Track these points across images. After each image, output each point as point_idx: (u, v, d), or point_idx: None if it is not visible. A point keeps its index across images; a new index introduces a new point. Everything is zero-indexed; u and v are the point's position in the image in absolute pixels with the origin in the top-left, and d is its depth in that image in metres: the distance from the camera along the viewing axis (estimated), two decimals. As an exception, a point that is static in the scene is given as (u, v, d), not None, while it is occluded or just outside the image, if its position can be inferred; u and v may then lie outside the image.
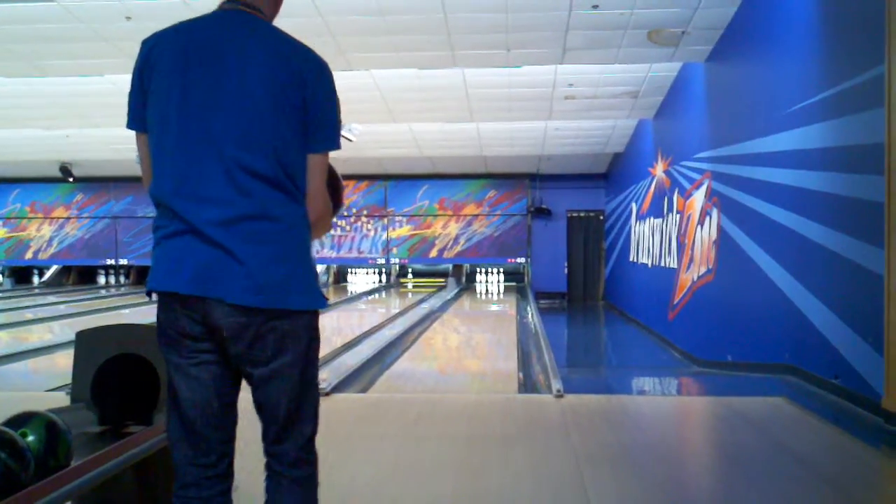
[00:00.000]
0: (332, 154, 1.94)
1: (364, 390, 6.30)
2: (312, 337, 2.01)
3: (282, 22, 7.68)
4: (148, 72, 1.89)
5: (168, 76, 1.85)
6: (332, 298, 17.16)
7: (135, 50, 1.94)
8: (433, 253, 19.55)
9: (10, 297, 17.22)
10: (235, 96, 1.83)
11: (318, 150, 1.90)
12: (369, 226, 19.87)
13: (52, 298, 16.79)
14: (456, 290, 18.41)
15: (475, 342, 10.02)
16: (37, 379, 7.48)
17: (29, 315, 13.30)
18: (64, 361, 7.54)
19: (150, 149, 1.91)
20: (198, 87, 1.83)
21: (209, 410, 1.89)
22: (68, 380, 2.81)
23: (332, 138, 1.93)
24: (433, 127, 13.66)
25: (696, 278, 9.11)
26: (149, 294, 1.93)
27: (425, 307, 14.35)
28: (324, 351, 8.68)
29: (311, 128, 1.88)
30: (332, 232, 19.99)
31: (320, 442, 4.24)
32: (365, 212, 19.80)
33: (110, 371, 2.76)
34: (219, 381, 1.88)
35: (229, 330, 1.82)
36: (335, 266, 21.01)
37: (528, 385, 6.86)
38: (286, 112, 1.84)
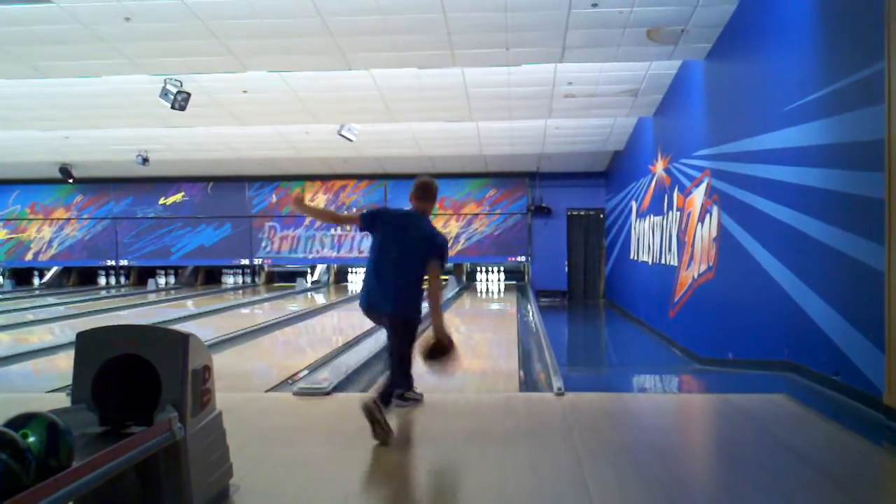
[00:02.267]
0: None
1: (365, 389, 6.30)
2: (414, 328, 4.81)
3: (282, 23, 7.87)
4: (380, 220, 4.85)
5: (387, 227, 4.79)
6: (332, 298, 17.16)
7: (134, 50, 1.97)
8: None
9: (10, 299, 17.23)
10: (411, 245, 4.69)
11: (432, 262, 4.69)
12: (369, 225, 19.86)
13: (52, 300, 16.80)
14: (456, 289, 18.41)
15: (476, 341, 10.01)
16: (37, 380, 7.48)
17: (29, 316, 13.31)
18: (64, 362, 7.55)
19: (373, 249, 4.81)
20: (398, 236, 4.73)
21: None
22: (69, 381, 2.81)
23: (438, 258, 4.71)
24: (433, 126, 13.66)
25: (696, 276, 9.11)
26: (364, 308, 4.83)
27: (425, 306, 14.32)
28: (324, 350, 8.70)
29: (430, 256, 4.69)
30: (333, 231, 20.01)
31: (323, 440, 4.26)
32: (365, 211, 19.79)
33: (111, 372, 2.76)
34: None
35: (390, 321, 4.74)
36: (336, 266, 21.01)
37: (528, 383, 6.86)
38: (424, 252, 4.68)
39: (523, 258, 19.36)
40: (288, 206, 19.91)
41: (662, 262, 11.32)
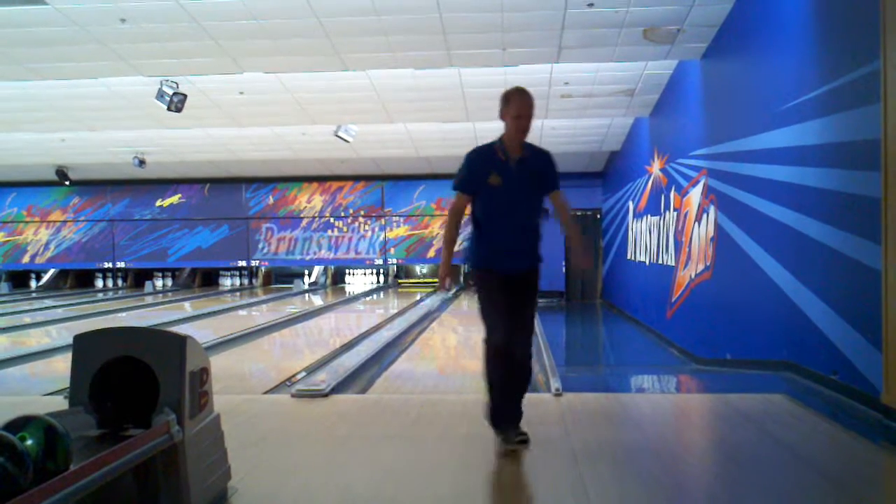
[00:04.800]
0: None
1: (363, 391, 6.30)
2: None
3: (278, 24, 7.84)
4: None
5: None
6: (330, 299, 17.15)
7: (130, 52, 1.96)
8: (431, 253, 19.55)
9: (7, 302, 17.20)
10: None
11: None
12: (367, 226, 19.88)
13: (49, 302, 16.77)
14: (454, 290, 18.41)
15: (473, 342, 10.00)
16: (35, 383, 7.47)
17: (27, 319, 13.28)
18: (62, 365, 7.53)
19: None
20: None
21: None
22: (66, 383, 2.81)
23: None
24: (430, 127, 13.67)
25: (693, 276, 9.12)
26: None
27: (423, 307, 14.35)
28: (322, 352, 8.69)
29: None
30: (330, 233, 20.01)
31: (321, 442, 4.24)
32: (362, 212, 19.82)
33: (109, 374, 2.75)
34: None
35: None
36: (333, 267, 21.00)
37: (526, 384, 6.84)
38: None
39: (521, 259, 19.32)
40: (283, 210, 19.94)
41: (660, 262, 11.33)
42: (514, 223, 3.99)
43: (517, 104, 3.97)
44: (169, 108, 10.12)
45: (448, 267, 3.99)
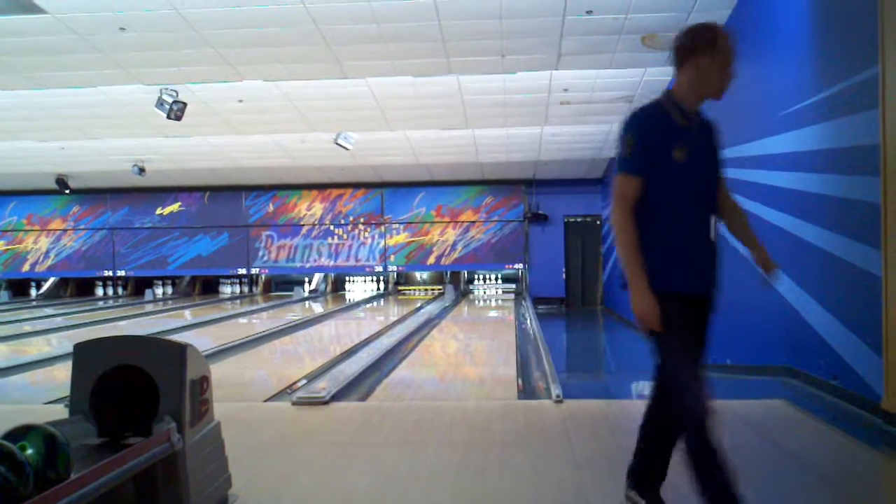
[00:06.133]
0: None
1: (363, 398, 6.29)
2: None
3: (277, 32, 7.86)
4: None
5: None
6: (330, 307, 17.14)
7: (129, 60, 1.97)
8: (431, 260, 19.55)
9: (7, 310, 17.18)
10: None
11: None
12: (366, 233, 19.88)
13: (49, 311, 16.76)
14: (454, 297, 18.41)
15: (474, 349, 10.01)
16: (35, 391, 7.45)
17: (27, 328, 13.27)
18: (62, 374, 7.53)
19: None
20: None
21: None
22: (67, 392, 2.81)
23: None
24: (429, 134, 13.68)
25: (693, 282, 9.10)
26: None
27: (424, 314, 14.34)
28: (322, 360, 8.67)
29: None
30: (330, 240, 20.01)
31: (321, 449, 4.24)
32: (362, 219, 19.82)
33: (109, 383, 2.75)
34: None
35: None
36: (333, 274, 21.00)
37: (527, 391, 6.85)
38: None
39: (521, 265, 19.36)
40: (283, 217, 19.96)
41: (660, 267, 11.31)
42: (705, 219, 2.74)
43: (731, 47, 2.92)
44: (168, 117, 10.13)
45: (647, 290, 2.68)
